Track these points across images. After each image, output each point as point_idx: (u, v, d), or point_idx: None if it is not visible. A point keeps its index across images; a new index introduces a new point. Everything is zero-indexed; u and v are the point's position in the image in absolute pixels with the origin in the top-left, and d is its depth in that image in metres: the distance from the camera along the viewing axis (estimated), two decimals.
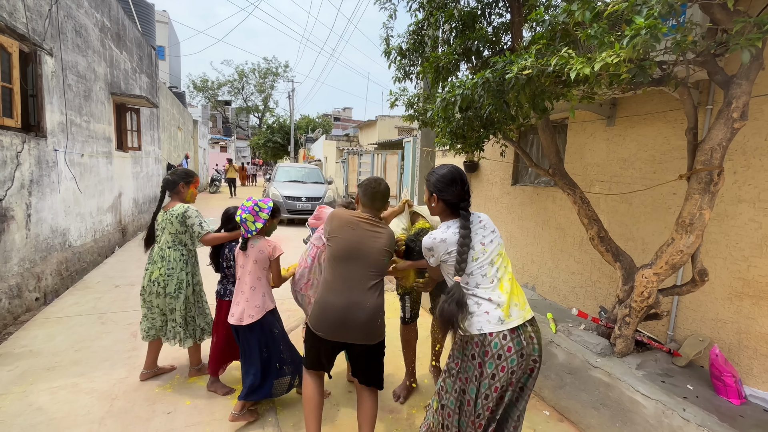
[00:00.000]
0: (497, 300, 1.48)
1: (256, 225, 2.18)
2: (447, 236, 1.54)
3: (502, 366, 1.44)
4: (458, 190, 1.59)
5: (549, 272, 3.61)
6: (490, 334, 1.44)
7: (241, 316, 2.19)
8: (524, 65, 1.59)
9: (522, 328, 1.48)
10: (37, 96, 3.97)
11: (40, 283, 3.92)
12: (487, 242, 1.55)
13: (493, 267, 1.52)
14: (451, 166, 1.65)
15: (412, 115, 3.32)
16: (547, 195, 3.63)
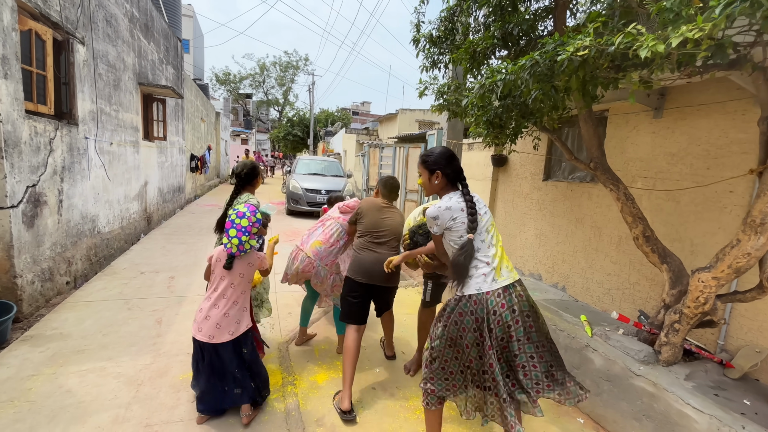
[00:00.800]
0: (492, 264, 1.70)
1: (251, 242, 2.01)
2: (451, 204, 1.74)
3: (498, 320, 1.64)
4: (457, 165, 1.84)
5: (582, 272, 3.44)
6: (487, 293, 1.65)
7: (213, 332, 2.00)
8: (581, 45, 1.44)
9: (512, 288, 1.70)
10: (69, 84, 4.04)
11: (71, 267, 4.02)
12: (482, 213, 1.79)
13: (489, 234, 1.76)
14: (445, 147, 1.91)
15: (442, 104, 3.19)
16: (582, 191, 3.44)
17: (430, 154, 1.85)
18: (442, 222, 1.73)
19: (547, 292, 3.66)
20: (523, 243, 4.23)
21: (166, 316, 3.43)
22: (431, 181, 1.84)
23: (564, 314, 3.02)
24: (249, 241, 1.98)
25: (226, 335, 2.02)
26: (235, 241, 1.95)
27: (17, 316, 3.14)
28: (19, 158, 3.15)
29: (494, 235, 1.78)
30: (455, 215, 1.72)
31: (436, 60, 3.68)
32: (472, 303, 1.66)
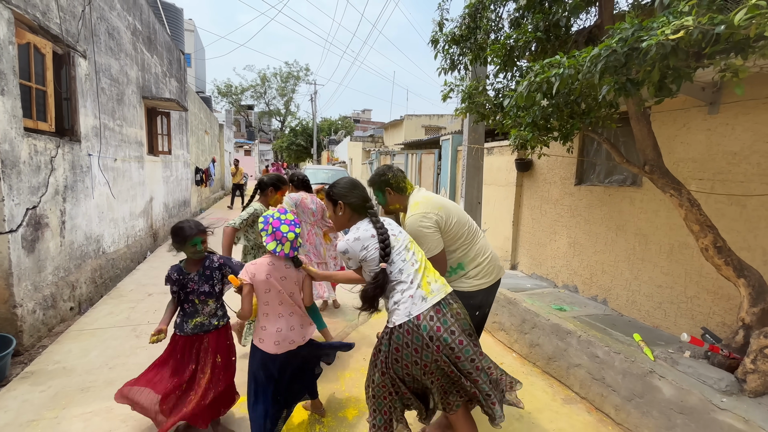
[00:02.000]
0: (416, 280, 1.59)
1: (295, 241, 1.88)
2: (359, 234, 1.66)
3: (437, 346, 1.51)
4: (361, 193, 1.78)
5: (626, 284, 3.16)
6: (418, 317, 1.52)
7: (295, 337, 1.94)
8: (678, 26, 1.20)
9: (446, 305, 1.58)
10: (71, 99, 3.85)
11: (75, 292, 3.79)
12: (396, 233, 1.72)
13: (409, 252, 1.67)
14: (349, 177, 1.88)
15: (469, 106, 2.96)
16: (622, 196, 3.18)
17: (333, 186, 1.83)
18: (354, 254, 1.66)
19: (587, 306, 3.37)
20: (554, 252, 3.95)
21: None
22: (336, 213, 1.81)
23: (613, 332, 2.74)
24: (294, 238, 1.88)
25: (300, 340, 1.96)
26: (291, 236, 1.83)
27: (18, 349, 2.90)
28: (18, 179, 2.94)
29: (415, 251, 1.71)
30: (366, 244, 1.64)
31: (456, 61, 3.46)
32: (405, 333, 1.53)
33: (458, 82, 3.05)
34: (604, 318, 3.07)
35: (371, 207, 1.76)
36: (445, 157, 5.96)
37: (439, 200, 2.01)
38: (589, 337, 2.63)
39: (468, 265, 2.04)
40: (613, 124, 2.21)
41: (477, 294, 2.05)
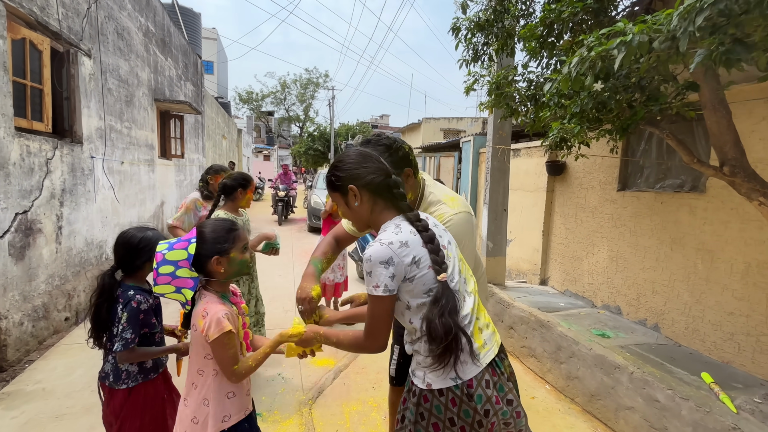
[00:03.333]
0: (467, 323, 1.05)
1: (185, 294, 1.21)
2: (405, 236, 1.01)
3: (492, 423, 1.01)
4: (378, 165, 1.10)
5: (684, 309, 2.66)
6: (470, 383, 1.01)
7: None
8: None
9: (500, 362, 1.09)
10: (71, 98, 3.69)
11: (71, 301, 3.59)
12: (446, 243, 1.09)
13: (461, 277, 1.09)
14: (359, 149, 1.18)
15: (497, 99, 2.56)
16: (679, 204, 2.70)
17: (337, 165, 1.13)
18: (400, 269, 0.99)
19: (634, 332, 2.88)
20: (592, 267, 3.47)
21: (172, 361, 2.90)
22: (350, 206, 1.11)
23: (673, 368, 2.26)
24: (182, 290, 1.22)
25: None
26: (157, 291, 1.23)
27: (0, 365, 2.68)
28: (5, 182, 2.75)
29: (467, 277, 1.12)
30: (417, 254, 1.00)
31: (480, 51, 3.08)
32: (449, 405, 1.01)
33: (484, 72, 2.67)
34: (659, 348, 2.58)
35: (398, 187, 1.08)
36: (465, 159, 5.56)
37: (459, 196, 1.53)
38: (644, 374, 2.16)
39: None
40: (692, 112, 1.76)
41: None
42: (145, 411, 1.45)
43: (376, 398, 2.54)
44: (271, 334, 3.47)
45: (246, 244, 1.32)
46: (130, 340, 1.37)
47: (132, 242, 1.46)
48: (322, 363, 2.99)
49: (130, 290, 1.43)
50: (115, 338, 1.38)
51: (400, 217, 1.07)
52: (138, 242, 1.47)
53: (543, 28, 2.03)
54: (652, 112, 1.62)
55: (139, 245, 1.47)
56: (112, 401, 1.43)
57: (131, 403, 1.43)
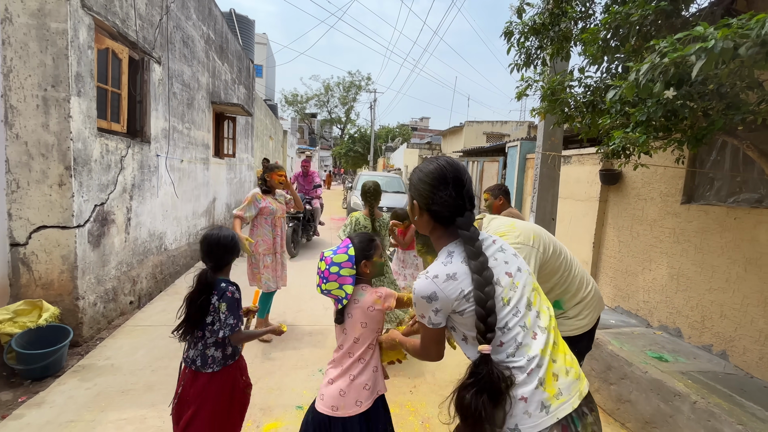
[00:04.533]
0: (540, 369, 0.89)
1: (345, 290, 1.45)
2: (456, 269, 0.94)
3: None
4: (450, 196, 0.98)
5: (759, 336, 2.41)
6: None
7: (337, 402, 1.42)
8: None
9: (580, 416, 0.89)
10: (143, 102, 4.05)
11: (135, 286, 3.93)
12: (513, 270, 0.98)
13: (532, 311, 0.95)
14: (445, 160, 1.03)
15: (551, 105, 2.48)
16: (756, 220, 2.45)
17: (416, 170, 1.08)
18: (446, 304, 0.93)
19: (697, 358, 2.65)
20: (648, 284, 3.24)
21: None
22: (413, 215, 1.08)
23: (746, 402, 2.05)
24: (342, 287, 1.45)
25: (352, 406, 1.42)
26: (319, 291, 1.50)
27: (76, 340, 3.00)
28: (88, 176, 3.07)
29: (541, 308, 0.98)
30: (468, 288, 0.92)
31: (533, 55, 2.99)
32: None
33: (537, 77, 2.59)
34: (727, 378, 2.35)
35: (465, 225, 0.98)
36: (511, 165, 5.40)
37: (529, 225, 1.51)
38: (709, 405, 1.99)
39: (567, 303, 1.58)
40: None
41: (581, 339, 1.58)
42: (222, 394, 1.64)
43: (413, 402, 2.55)
44: (311, 329, 3.59)
45: (381, 252, 1.57)
46: (235, 324, 1.60)
47: (226, 242, 1.68)
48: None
49: (222, 283, 1.64)
50: (213, 326, 1.60)
51: (456, 243, 1.00)
52: (230, 241, 1.69)
53: (606, 31, 1.93)
54: (733, 122, 1.49)
55: (231, 243, 1.69)
56: (195, 383, 1.62)
57: (212, 385, 1.62)
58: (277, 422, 2.25)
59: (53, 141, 2.80)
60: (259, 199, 3.34)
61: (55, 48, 2.75)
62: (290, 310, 4.02)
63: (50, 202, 2.84)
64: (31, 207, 2.82)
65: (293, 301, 4.29)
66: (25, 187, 2.79)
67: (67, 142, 2.82)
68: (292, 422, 2.25)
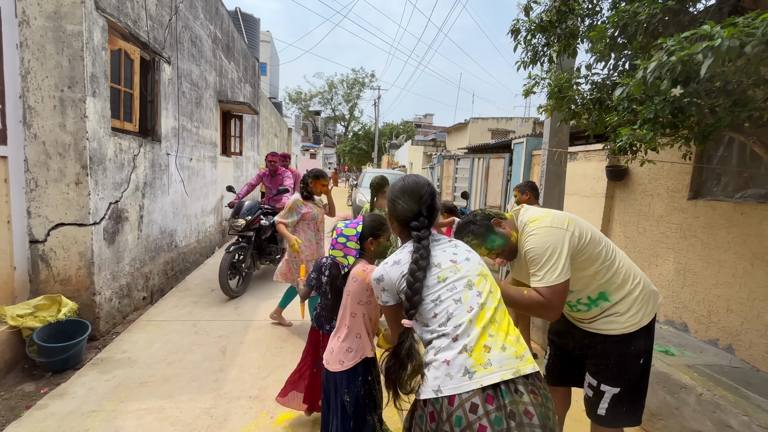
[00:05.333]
0: (467, 337, 1.00)
1: (348, 259, 1.68)
2: (402, 257, 1.18)
3: None
4: (407, 205, 1.23)
5: (766, 330, 2.43)
6: (450, 400, 0.95)
7: (327, 357, 1.70)
8: None
9: (511, 392, 0.95)
10: (154, 102, 4.11)
11: (148, 282, 4.02)
12: (460, 259, 1.16)
13: (472, 290, 1.09)
14: (411, 179, 1.30)
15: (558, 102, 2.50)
16: (763, 216, 2.47)
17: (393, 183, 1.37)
18: (390, 285, 1.16)
19: (703, 352, 2.68)
20: (655, 279, 3.27)
21: (231, 344, 3.16)
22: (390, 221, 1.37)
23: (752, 395, 2.08)
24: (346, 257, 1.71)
25: (335, 363, 1.65)
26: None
27: (93, 334, 3.08)
28: (103, 175, 3.15)
29: (483, 291, 1.09)
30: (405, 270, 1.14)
31: (539, 53, 3.01)
32: (428, 419, 0.99)
33: (544, 75, 2.61)
34: (733, 372, 2.38)
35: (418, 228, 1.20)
36: (517, 162, 5.42)
37: (566, 213, 1.54)
38: (715, 397, 2.02)
39: (613, 295, 1.50)
40: None
41: (637, 335, 1.50)
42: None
43: None
44: None
45: (389, 236, 1.74)
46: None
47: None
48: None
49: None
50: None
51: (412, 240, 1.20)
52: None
53: (614, 29, 1.95)
54: (740, 119, 1.51)
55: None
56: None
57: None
58: (290, 413, 2.31)
59: (70, 140, 2.87)
60: (301, 205, 3.31)
61: (71, 49, 2.81)
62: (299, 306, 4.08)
63: (67, 200, 2.92)
64: (49, 205, 2.90)
65: None
66: (43, 186, 2.87)
67: (83, 142, 2.89)
68: (304, 414, 2.31)
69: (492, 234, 1.53)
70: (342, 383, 1.61)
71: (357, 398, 1.60)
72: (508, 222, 1.57)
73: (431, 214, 1.23)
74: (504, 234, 1.53)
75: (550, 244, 1.37)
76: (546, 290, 1.34)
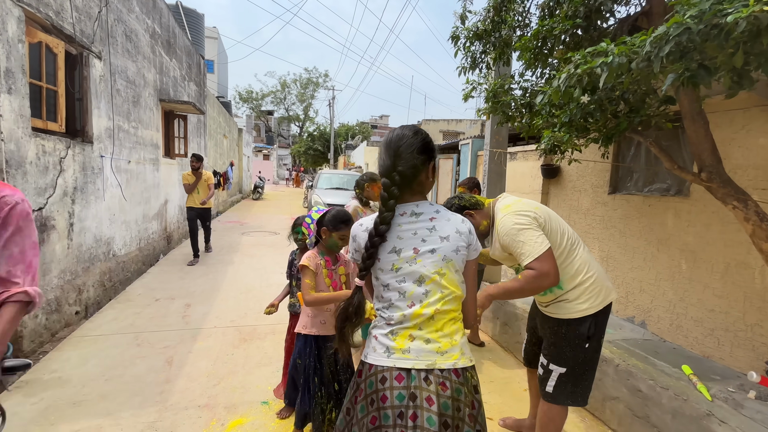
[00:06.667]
0: (398, 324, 1.11)
1: (305, 232, 2.09)
2: (369, 222, 1.17)
3: (372, 416, 1.07)
4: (383, 160, 1.16)
5: (669, 306, 2.81)
6: (370, 367, 1.11)
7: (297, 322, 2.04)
8: None
9: (420, 379, 1.06)
10: (83, 100, 3.81)
11: (81, 295, 3.71)
12: (425, 249, 1.11)
13: (421, 287, 1.11)
14: (404, 127, 1.18)
15: (494, 106, 2.70)
16: (665, 207, 2.84)
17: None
18: (359, 246, 1.19)
19: (622, 328, 3.03)
20: None
21: (178, 354, 3.03)
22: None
23: (658, 362, 2.40)
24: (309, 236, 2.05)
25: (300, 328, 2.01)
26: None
27: (17, 355, 2.79)
28: (23, 179, 2.87)
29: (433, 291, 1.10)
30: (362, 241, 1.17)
31: (478, 59, 3.22)
32: (357, 374, 1.18)
33: (482, 80, 2.81)
34: (644, 344, 2.72)
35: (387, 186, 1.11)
36: (464, 162, 5.70)
37: (535, 202, 1.75)
38: (629, 366, 2.31)
39: (565, 284, 1.69)
40: (669, 123, 1.92)
41: (583, 321, 1.70)
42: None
43: None
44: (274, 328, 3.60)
45: (344, 236, 1.84)
46: None
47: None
48: None
49: None
50: None
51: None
52: None
53: (536, 41, 2.17)
54: (634, 123, 1.76)
55: None
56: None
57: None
58: (242, 419, 2.28)
59: None
60: (361, 213, 3.15)
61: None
62: (252, 311, 3.99)
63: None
64: None
65: (254, 302, 4.26)
66: None
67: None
68: (257, 417, 2.29)
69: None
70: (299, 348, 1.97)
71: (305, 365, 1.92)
72: (482, 212, 1.82)
73: (405, 171, 1.10)
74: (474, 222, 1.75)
75: (521, 226, 1.56)
76: (535, 263, 1.50)
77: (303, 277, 1.84)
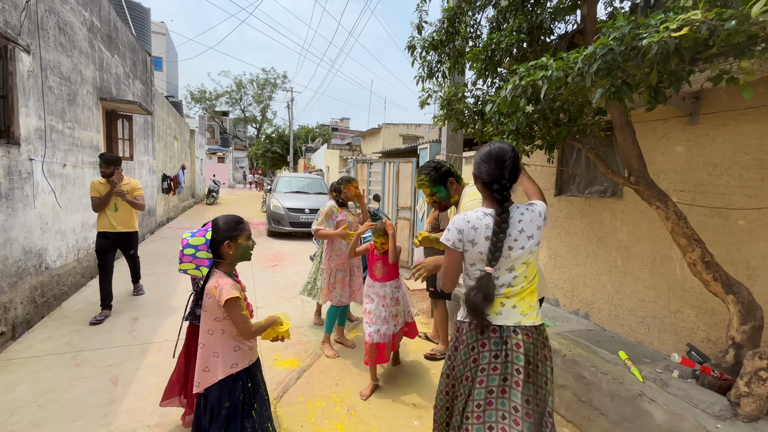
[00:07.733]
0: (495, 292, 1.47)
1: (202, 270, 1.54)
2: (480, 225, 1.44)
3: (473, 358, 1.47)
4: (491, 169, 1.47)
5: (608, 298, 3.07)
6: (469, 324, 1.48)
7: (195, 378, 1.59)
8: (684, 20, 1.08)
9: (510, 331, 1.44)
10: (7, 97, 3.44)
11: (8, 314, 3.34)
12: (516, 246, 1.45)
13: (510, 274, 1.48)
14: (498, 144, 1.51)
15: (448, 113, 2.82)
16: (603, 207, 3.11)
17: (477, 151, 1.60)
18: (465, 240, 1.47)
19: (569, 321, 3.27)
20: None
21: (123, 372, 2.82)
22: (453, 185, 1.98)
23: (599, 350, 2.62)
24: (199, 269, 1.57)
25: (193, 385, 1.60)
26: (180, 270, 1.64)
27: None
28: None
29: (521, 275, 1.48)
30: (476, 240, 1.44)
31: (434, 69, 3.34)
32: (466, 326, 1.51)
33: (437, 88, 2.91)
34: (588, 334, 2.96)
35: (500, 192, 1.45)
36: None
37: None
38: (574, 356, 2.50)
39: None
40: (601, 132, 2.12)
41: None
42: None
43: (339, 394, 2.67)
44: None
45: (249, 234, 1.63)
46: None
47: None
48: (286, 364, 3.06)
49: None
50: None
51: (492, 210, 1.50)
52: None
53: (486, 53, 2.30)
54: (573, 131, 1.93)
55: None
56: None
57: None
58: None
59: None
60: (336, 212, 3.26)
61: None
62: None
63: None
64: None
65: None
66: None
67: None
68: None
69: (442, 186, 2.04)
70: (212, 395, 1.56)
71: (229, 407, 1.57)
72: (459, 187, 2.08)
73: (513, 178, 1.47)
74: (449, 192, 2.04)
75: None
76: None
77: (233, 310, 1.50)
